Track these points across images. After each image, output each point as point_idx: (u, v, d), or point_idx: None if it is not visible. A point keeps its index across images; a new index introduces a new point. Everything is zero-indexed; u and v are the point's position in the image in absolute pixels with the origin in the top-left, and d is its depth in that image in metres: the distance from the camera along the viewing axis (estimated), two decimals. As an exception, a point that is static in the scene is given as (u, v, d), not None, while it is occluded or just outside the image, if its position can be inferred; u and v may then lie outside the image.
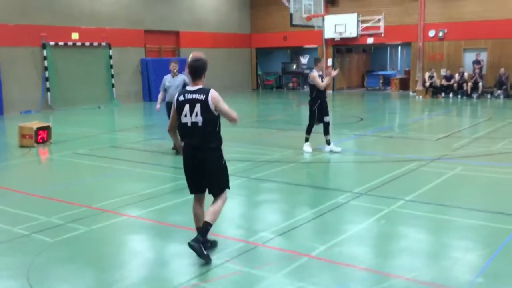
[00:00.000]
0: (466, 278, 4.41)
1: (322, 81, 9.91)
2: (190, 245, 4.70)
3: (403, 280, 4.42)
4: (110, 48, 22.04)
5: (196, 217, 5.03)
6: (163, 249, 5.36)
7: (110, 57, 22.10)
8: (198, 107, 4.67)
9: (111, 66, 22.17)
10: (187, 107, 4.71)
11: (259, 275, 4.54)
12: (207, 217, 4.81)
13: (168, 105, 10.10)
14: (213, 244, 5.10)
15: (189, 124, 4.73)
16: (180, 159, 5.07)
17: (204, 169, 4.80)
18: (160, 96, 10.53)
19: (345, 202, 6.75)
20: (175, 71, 10.39)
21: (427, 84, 22.97)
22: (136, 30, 23.36)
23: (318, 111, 10.04)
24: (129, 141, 12.39)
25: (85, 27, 21.29)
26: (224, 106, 4.75)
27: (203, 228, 4.79)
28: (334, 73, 10.12)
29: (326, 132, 10.12)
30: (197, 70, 4.76)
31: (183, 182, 5.19)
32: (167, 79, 10.35)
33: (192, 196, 5.10)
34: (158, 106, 10.61)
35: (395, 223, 5.98)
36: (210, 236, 4.99)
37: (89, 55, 21.47)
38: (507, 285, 4.33)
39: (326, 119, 10.09)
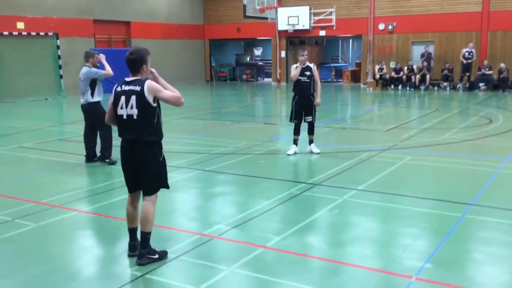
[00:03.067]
0: (415, 265, 4.54)
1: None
2: (139, 265, 4.54)
3: (355, 268, 4.52)
4: (57, 38, 21.32)
5: (129, 217, 4.73)
6: (115, 244, 5.22)
7: (58, 47, 21.38)
8: (133, 99, 4.43)
9: (59, 57, 21.46)
10: (123, 98, 4.48)
11: (215, 268, 4.52)
12: (143, 227, 4.55)
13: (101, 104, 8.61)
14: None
15: (124, 116, 4.50)
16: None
17: (140, 164, 4.54)
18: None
19: (299, 193, 6.81)
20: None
21: (377, 76, 23.51)
22: (85, 19, 22.70)
23: (296, 108, 9.12)
24: (78, 133, 11.97)
25: (30, 16, 20.48)
26: (165, 93, 4.49)
27: (142, 239, 4.58)
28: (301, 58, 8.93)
29: (309, 131, 9.29)
30: (133, 63, 4.53)
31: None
32: (91, 70, 8.53)
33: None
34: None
35: (348, 213, 6.09)
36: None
37: (35, 45, 20.70)
38: (454, 270, 4.50)
39: (308, 119, 9.14)
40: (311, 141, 9.42)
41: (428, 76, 22.57)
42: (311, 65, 9.18)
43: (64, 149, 10.22)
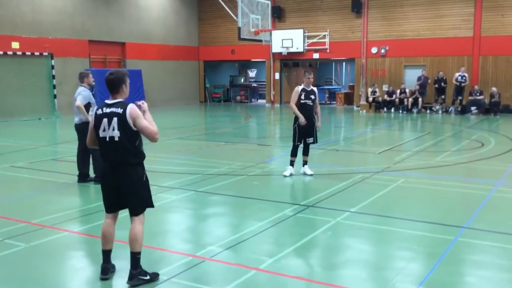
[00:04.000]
0: (409, 288, 4.52)
1: (302, 98, 8.98)
2: (130, 286, 4.49)
3: (349, 291, 4.49)
4: (52, 58, 21.38)
5: (105, 238, 4.71)
6: (107, 265, 5.17)
7: (52, 67, 21.43)
8: (115, 121, 4.44)
9: (53, 77, 21.50)
10: (105, 121, 4.49)
11: (207, 290, 4.47)
12: (133, 247, 4.53)
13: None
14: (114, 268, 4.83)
15: (107, 138, 4.51)
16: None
17: (123, 186, 4.54)
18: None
19: (292, 215, 6.80)
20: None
21: (370, 99, 23.70)
22: (80, 40, 22.81)
23: (298, 131, 9.15)
24: (71, 153, 11.94)
25: (26, 36, 20.56)
26: (143, 122, 4.48)
27: (133, 260, 4.54)
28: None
29: (305, 152, 9.37)
30: (112, 83, 4.54)
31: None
32: (90, 94, 8.70)
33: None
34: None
35: (341, 235, 6.08)
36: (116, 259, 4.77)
37: (30, 65, 20.74)
38: (447, 293, 4.48)
39: (309, 140, 9.25)
40: (305, 163, 9.45)
41: (420, 100, 22.77)
42: (315, 88, 9.30)
43: (57, 169, 10.17)
